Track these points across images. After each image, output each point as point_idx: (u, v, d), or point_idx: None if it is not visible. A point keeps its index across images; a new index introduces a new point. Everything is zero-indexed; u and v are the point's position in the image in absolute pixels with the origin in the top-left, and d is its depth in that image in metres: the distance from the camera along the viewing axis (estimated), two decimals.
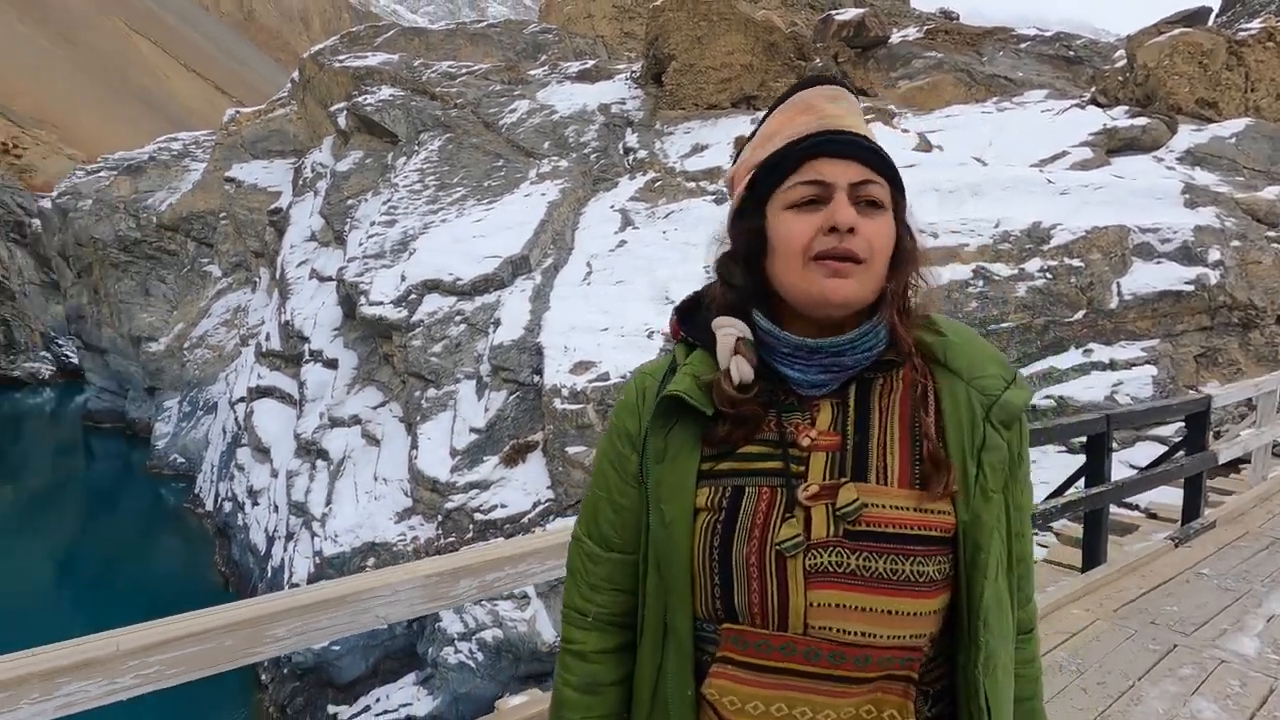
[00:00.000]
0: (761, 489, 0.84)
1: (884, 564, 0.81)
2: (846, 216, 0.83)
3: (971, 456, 0.84)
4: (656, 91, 14.20)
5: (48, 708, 0.87)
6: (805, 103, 0.89)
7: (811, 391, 0.87)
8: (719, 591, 0.85)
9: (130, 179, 20.80)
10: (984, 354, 0.90)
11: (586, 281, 9.38)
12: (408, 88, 15.00)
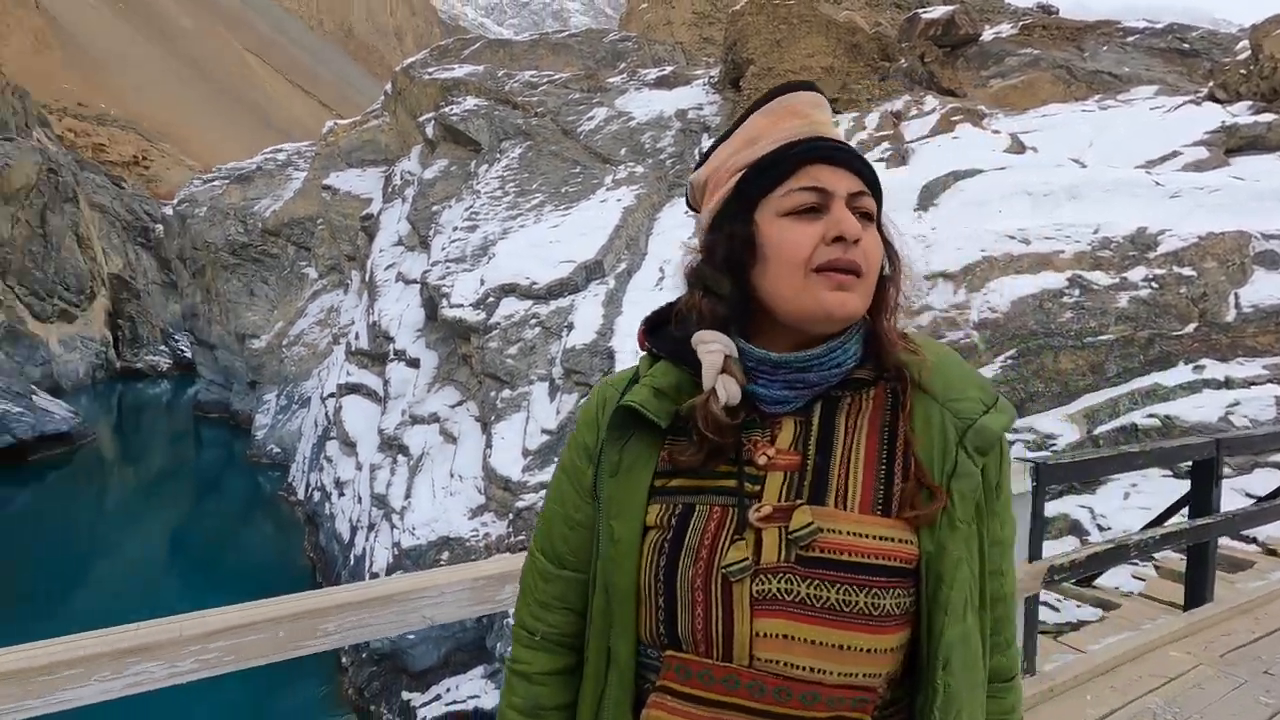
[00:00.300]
0: (713, 508, 0.79)
1: (837, 594, 0.74)
2: (854, 226, 0.79)
3: (940, 483, 0.77)
4: (734, 96, 14.11)
5: (116, 685, 0.93)
6: (791, 107, 0.85)
7: (774, 408, 0.82)
8: (663, 615, 0.79)
9: (240, 187, 22.43)
10: (963, 376, 0.84)
11: (659, 286, 9.40)
12: (491, 97, 15.50)
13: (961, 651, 0.77)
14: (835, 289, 0.79)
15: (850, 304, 0.79)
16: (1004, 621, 0.86)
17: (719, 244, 0.84)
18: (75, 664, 0.89)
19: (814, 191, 0.80)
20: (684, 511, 0.80)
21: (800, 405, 0.82)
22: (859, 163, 0.83)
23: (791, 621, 0.75)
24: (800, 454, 0.80)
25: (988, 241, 7.69)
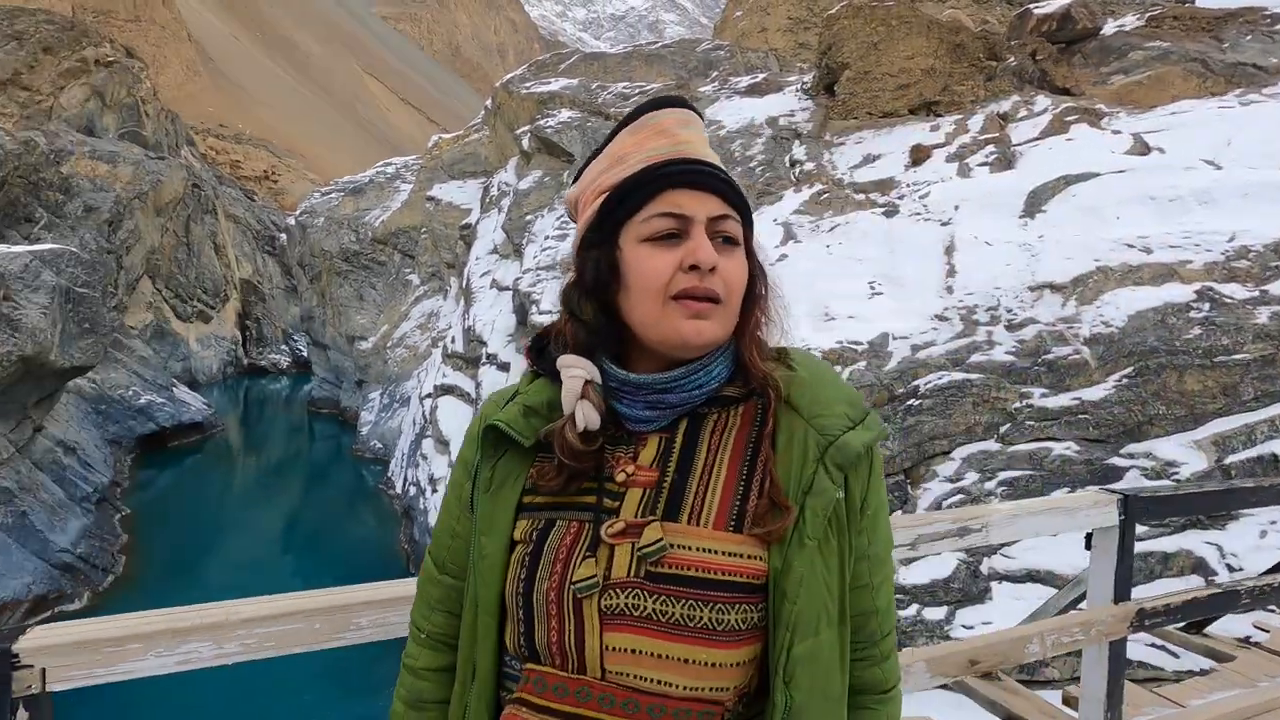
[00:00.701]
0: (571, 523, 0.81)
1: (682, 609, 0.76)
2: (710, 255, 0.79)
3: (795, 499, 0.78)
4: (827, 102, 13.80)
5: (170, 661, 1.01)
6: (658, 126, 0.85)
7: (639, 426, 0.84)
8: (524, 629, 0.81)
9: (353, 199, 24.04)
10: (832, 392, 0.84)
11: None
12: (584, 109, 15.90)
13: (810, 667, 0.77)
14: (692, 317, 0.79)
15: (707, 332, 0.80)
16: (877, 635, 0.86)
17: (586, 268, 0.85)
18: (138, 639, 0.99)
19: (672, 218, 0.80)
20: (545, 527, 0.83)
21: (665, 424, 0.84)
22: (723, 185, 0.82)
23: (638, 636, 0.76)
24: (659, 471, 0.81)
25: (1102, 250, 7.14)
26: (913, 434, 6.33)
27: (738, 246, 0.84)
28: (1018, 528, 1.51)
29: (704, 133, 0.88)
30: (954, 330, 6.97)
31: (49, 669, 0.94)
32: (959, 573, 5.48)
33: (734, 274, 0.82)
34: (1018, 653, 1.53)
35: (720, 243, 0.82)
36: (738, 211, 0.84)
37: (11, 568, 8.90)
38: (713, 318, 0.80)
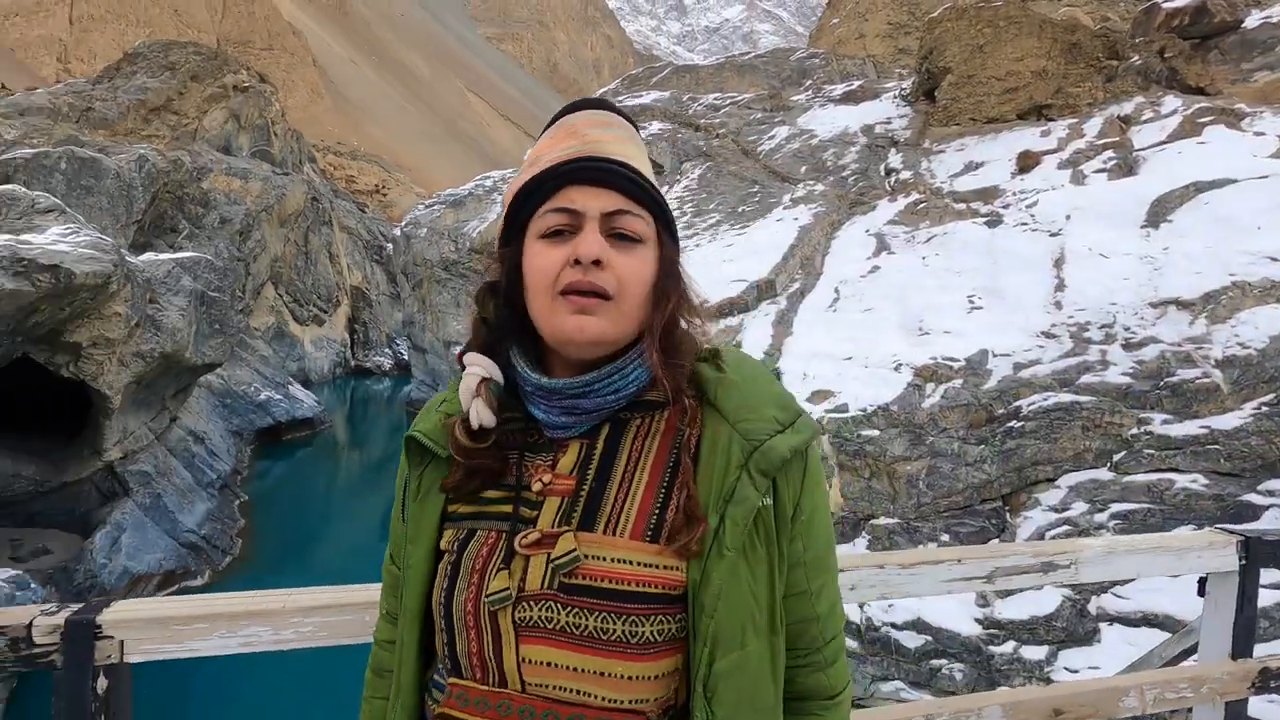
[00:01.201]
0: (490, 533, 0.79)
1: (595, 621, 0.73)
2: (590, 248, 0.76)
3: (715, 509, 0.75)
4: (927, 108, 13.27)
5: (231, 643, 1.07)
6: (570, 127, 0.84)
7: (558, 433, 0.81)
8: (446, 640, 0.80)
9: (453, 211, 25.24)
10: (761, 395, 0.80)
11: (833, 308, 9.07)
12: (674, 121, 16.01)
13: (736, 680, 0.74)
14: (575, 313, 0.77)
15: (590, 328, 0.77)
16: (819, 641, 0.83)
17: (499, 268, 0.85)
18: (204, 619, 1.06)
19: (564, 213, 0.79)
20: (466, 537, 0.81)
21: (584, 430, 0.81)
22: (623, 181, 0.79)
23: (553, 648, 0.74)
24: (577, 479, 0.79)
25: (1238, 264, 6.47)
26: (1012, 458, 5.94)
27: (639, 243, 0.80)
28: (1113, 567, 1.37)
29: (625, 132, 0.85)
30: (1062, 348, 6.50)
31: (127, 641, 1.02)
32: (1063, 610, 5.08)
33: (629, 270, 0.79)
34: (1110, 705, 1.39)
35: (616, 239, 0.79)
36: (645, 208, 0.81)
37: (147, 544, 9.86)
38: (598, 314, 0.77)
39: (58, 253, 8.46)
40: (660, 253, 0.83)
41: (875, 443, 6.43)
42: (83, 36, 67.23)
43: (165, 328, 10.76)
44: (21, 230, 9.27)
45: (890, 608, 5.64)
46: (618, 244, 0.79)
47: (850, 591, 1.18)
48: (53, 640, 0.99)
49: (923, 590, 1.21)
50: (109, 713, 0.97)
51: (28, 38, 65.34)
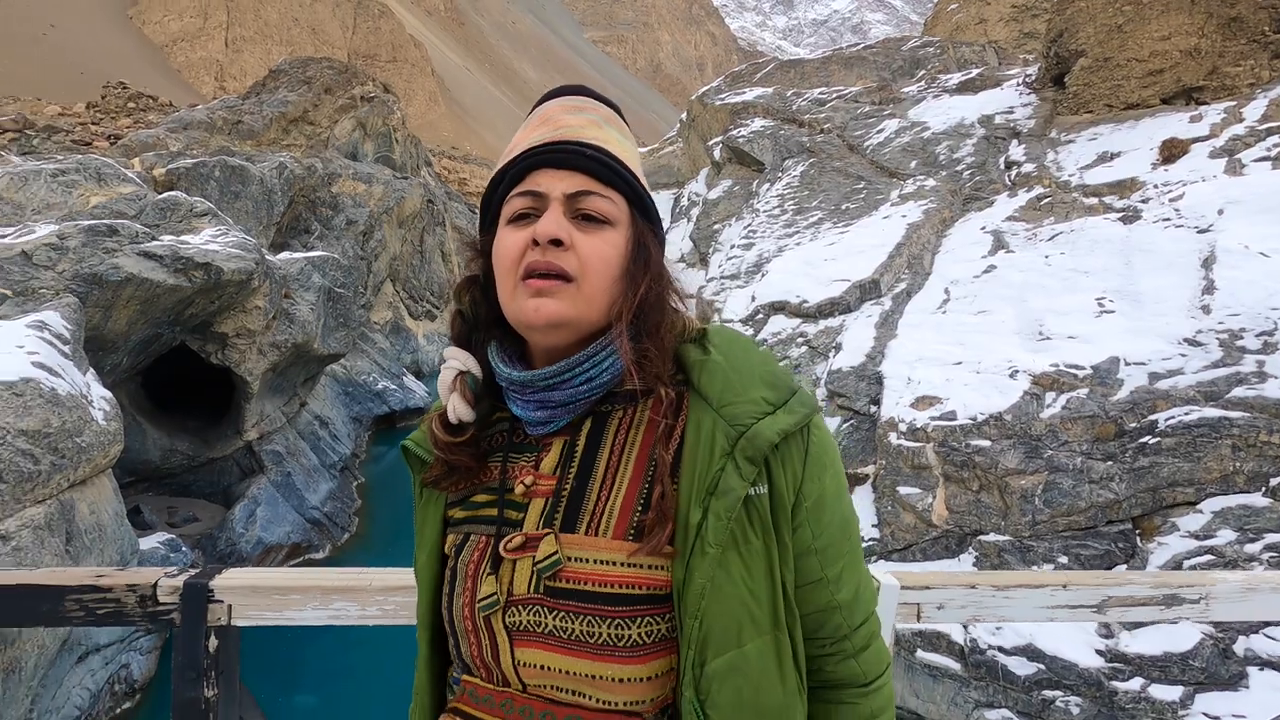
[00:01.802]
0: (480, 538, 0.78)
1: (581, 625, 0.71)
2: (547, 227, 0.73)
3: (698, 503, 0.70)
4: (1055, 95, 12.30)
5: (322, 615, 1.15)
6: (544, 115, 0.81)
7: (538, 430, 0.77)
8: (454, 642, 0.79)
9: None
10: (748, 376, 0.74)
11: (942, 310, 8.60)
12: (778, 118, 15.71)
13: (732, 681, 0.70)
14: (534, 295, 0.73)
15: (546, 310, 0.73)
16: (844, 629, 0.78)
17: (478, 259, 0.83)
18: (298, 591, 1.15)
19: (529, 196, 0.76)
20: (461, 542, 0.80)
21: (563, 424, 0.77)
22: (589, 163, 0.76)
23: (544, 651, 0.73)
24: (558, 478, 0.76)
25: None
26: (1145, 477, 5.41)
27: (606, 225, 0.76)
28: (1252, 607, 1.17)
29: (597, 115, 0.82)
30: (1209, 358, 5.85)
31: (234, 606, 1.12)
32: (1202, 648, 4.58)
33: (592, 250, 0.75)
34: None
35: (582, 220, 0.76)
36: (615, 189, 0.78)
37: (278, 518, 10.81)
38: (557, 296, 0.73)
39: (210, 252, 9.43)
40: (629, 234, 0.78)
41: (986, 454, 6.05)
42: (235, 57, 74.53)
43: (297, 320, 11.74)
44: (181, 232, 10.41)
45: (998, 630, 5.29)
46: (583, 225, 0.76)
47: (938, 611, 1.10)
48: (173, 600, 1.11)
49: (1020, 616, 1.11)
50: (219, 670, 1.09)
51: (191, 60, 73.22)
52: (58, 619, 1.09)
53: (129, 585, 1.09)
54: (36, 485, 5.09)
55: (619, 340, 0.75)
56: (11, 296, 7.25)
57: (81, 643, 6.24)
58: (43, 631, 4.74)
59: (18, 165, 12.36)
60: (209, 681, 1.08)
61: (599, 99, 0.86)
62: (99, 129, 32.52)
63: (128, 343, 9.07)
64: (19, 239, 8.12)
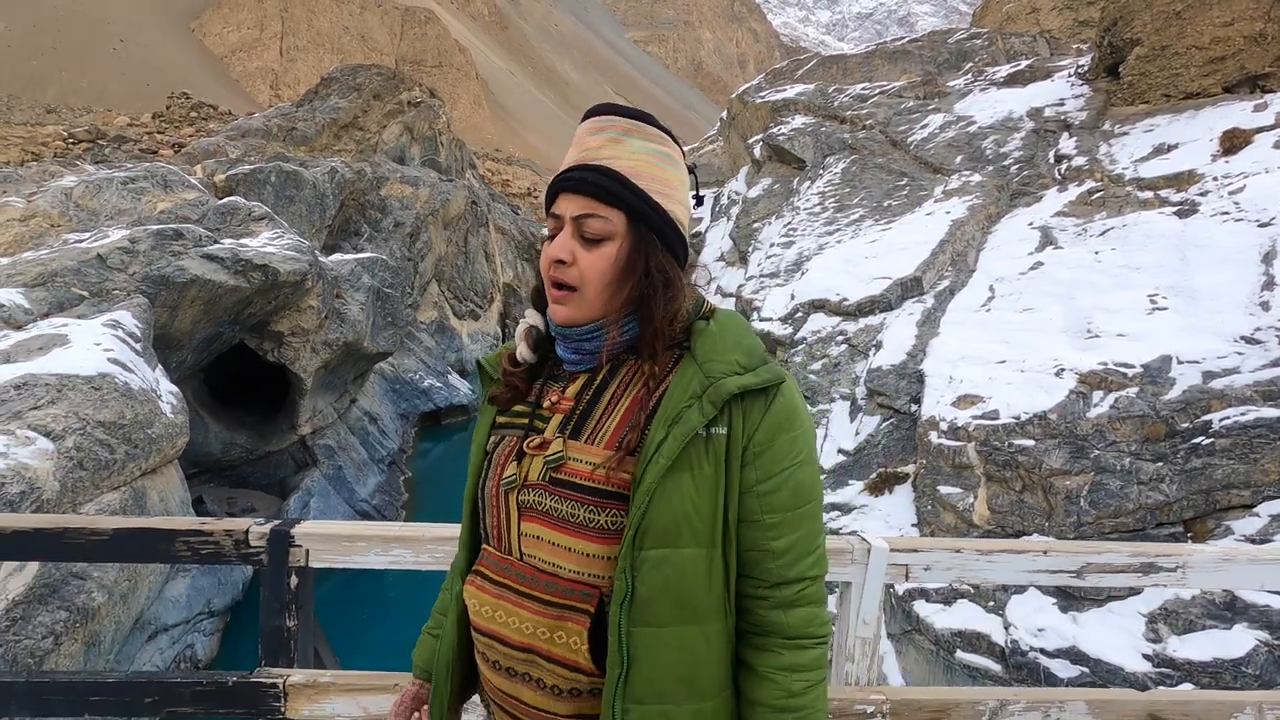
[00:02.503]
0: (513, 438, 1.05)
1: (568, 508, 0.96)
2: (556, 251, 0.99)
3: (664, 426, 0.92)
4: (1109, 85, 11.91)
5: (382, 560, 1.37)
6: (577, 136, 1.04)
7: (570, 367, 1.05)
8: (482, 518, 1.06)
9: None
10: (730, 345, 0.98)
11: (986, 307, 8.44)
12: (819, 115, 15.57)
13: (664, 571, 0.91)
14: (554, 302, 1.02)
15: (560, 314, 1.01)
16: (773, 577, 0.95)
17: None
18: (363, 539, 1.37)
19: (553, 218, 1.02)
20: (499, 440, 1.07)
21: (591, 366, 1.04)
22: (592, 188, 0.97)
23: (541, 526, 0.98)
24: (575, 401, 1.02)
25: None
26: (1198, 479, 5.25)
27: (603, 241, 0.99)
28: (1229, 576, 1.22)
29: (615, 132, 1.01)
30: (1268, 356, 5.63)
31: (311, 550, 1.36)
32: (1256, 655, 4.44)
33: (589, 265, 0.98)
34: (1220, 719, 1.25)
35: (581, 240, 0.99)
36: (613, 207, 0.98)
37: (329, 510, 11.24)
38: (567, 303, 1.00)
39: (267, 254, 9.87)
40: (623, 246, 0.99)
41: (1029, 453, 5.94)
42: (289, 66, 77.15)
43: (348, 320, 12.18)
44: (240, 235, 10.91)
45: (1041, 632, 5.21)
46: (585, 244, 0.99)
47: (925, 572, 1.20)
48: (261, 544, 1.35)
49: (1002, 578, 1.19)
50: (298, 603, 1.29)
51: (248, 69, 76.09)
52: (171, 557, 1.32)
53: (226, 531, 1.31)
54: (113, 473, 5.46)
55: (610, 328, 1.01)
56: (89, 297, 7.74)
57: (151, 623, 6.65)
58: (119, 608, 5.10)
59: (91, 174, 13.13)
60: (290, 613, 1.29)
61: (624, 111, 1.05)
62: (164, 138, 34.13)
63: (192, 341, 9.56)
64: (94, 243, 8.66)
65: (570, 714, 0.97)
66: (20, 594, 4.15)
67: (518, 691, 0.99)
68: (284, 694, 1.33)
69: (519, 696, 0.99)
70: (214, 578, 8.00)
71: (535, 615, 0.97)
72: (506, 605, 0.99)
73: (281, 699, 1.33)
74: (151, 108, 46.20)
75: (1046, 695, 1.21)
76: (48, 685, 1.37)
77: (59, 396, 5.42)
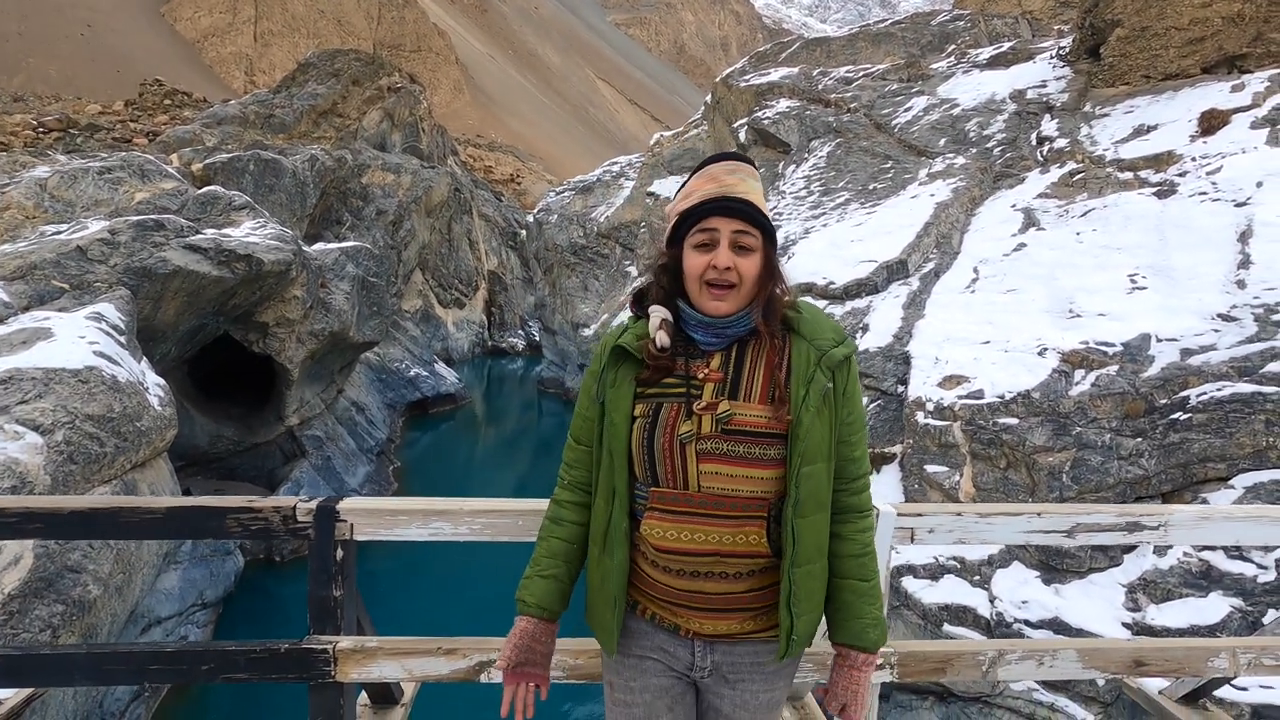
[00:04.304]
0: (674, 405, 1.39)
1: (742, 448, 1.35)
2: (722, 260, 1.38)
3: (803, 385, 1.37)
4: (1090, 67, 12.02)
5: (423, 532, 1.51)
6: (711, 174, 1.42)
7: (708, 346, 1.44)
8: (648, 466, 1.39)
9: (582, 197, 26.04)
10: (824, 325, 1.45)
11: (970, 289, 8.55)
12: (803, 98, 15.56)
13: (810, 481, 1.36)
14: (713, 299, 1.40)
15: (721, 308, 1.40)
16: (853, 473, 1.45)
17: (668, 258, 1.46)
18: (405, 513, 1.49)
19: (707, 233, 1.39)
20: (657, 407, 1.41)
21: (724, 345, 1.43)
22: (744, 213, 1.38)
23: (719, 464, 1.36)
24: (723, 372, 1.41)
25: None
26: (1176, 453, 5.40)
27: (753, 251, 1.40)
28: (1208, 533, 1.32)
29: (745, 174, 1.41)
30: (1243, 333, 5.78)
31: (355, 524, 1.46)
32: (1230, 621, 4.60)
33: (747, 268, 1.39)
34: (1198, 664, 1.34)
35: (737, 250, 1.38)
36: (757, 229, 1.39)
37: None
38: (727, 298, 1.40)
39: (250, 244, 9.76)
40: (764, 254, 1.42)
41: (1013, 431, 6.07)
42: (264, 51, 75.57)
43: (333, 309, 12.09)
44: (222, 225, 10.77)
45: (1025, 604, 5.36)
46: (739, 252, 1.39)
47: (929, 535, 1.32)
48: (308, 520, 1.46)
49: (1000, 539, 1.28)
50: (343, 574, 1.35)
51: (222, 55, 74.43)
52: (223, 533, 1.44)
53: (275, 508, 1.43)
54: (103, 466, 5.42)
55: (755, 314, 1.42)
56: (69, 290, 7.63)
57: (145, 615, 6.64)
58: (115, 601, 5.09)
59: (66, 164, 12.86)
60: (336, 584, 1.40)
61: (744, 159, 1.47)
62: (138, 126, 33.39)
63: (176, 333, 9.46)
64: (74, 235, 8.52)
65: (747, 589, 1.40)
66: (16, 588, 4.14)
67: (700, 586, 1.39)
68: (334, 659, 1.44)
69: (702, 590, 1.39)
70: (206, 569, 7.99)
71: (719, 528, 1.37)
72: (691, 526, 1.37)
73: (332, 664, 1.45)
74: (123, 95, 45.13)
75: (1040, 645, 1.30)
76: (108, 655, 1.44)
77: (46, 390, 5.37)
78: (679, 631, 1.43)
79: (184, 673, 1.42)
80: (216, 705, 7.16)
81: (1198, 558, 4.96)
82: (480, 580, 9.81)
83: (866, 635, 1.43)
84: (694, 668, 1.44)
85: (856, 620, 1.43)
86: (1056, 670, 1.45)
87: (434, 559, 9.78)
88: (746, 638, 1.42)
